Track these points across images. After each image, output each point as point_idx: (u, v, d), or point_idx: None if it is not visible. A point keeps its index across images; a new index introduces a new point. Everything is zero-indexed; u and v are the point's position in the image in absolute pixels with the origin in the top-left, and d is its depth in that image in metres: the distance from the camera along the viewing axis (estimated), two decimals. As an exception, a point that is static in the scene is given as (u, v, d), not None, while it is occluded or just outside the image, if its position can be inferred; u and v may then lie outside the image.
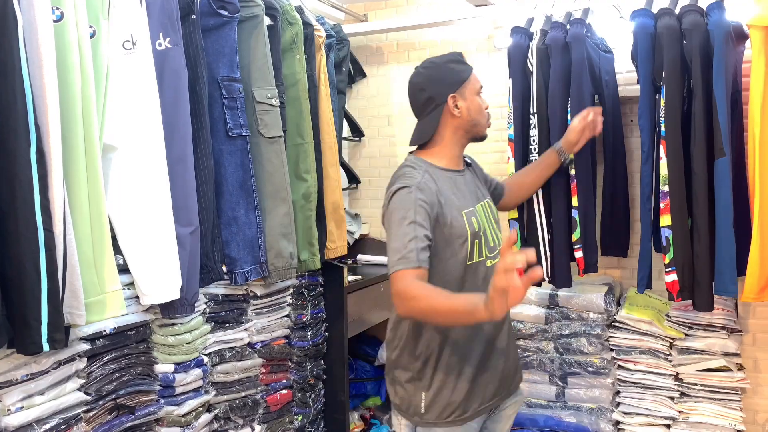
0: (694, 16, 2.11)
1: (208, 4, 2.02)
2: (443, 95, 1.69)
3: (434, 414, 1.65)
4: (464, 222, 1.62)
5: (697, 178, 2.13)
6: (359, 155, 3.35)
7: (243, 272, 2.15)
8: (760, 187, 2.00)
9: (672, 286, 2.19)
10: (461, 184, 1.71)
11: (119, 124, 1.75)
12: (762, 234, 2.02)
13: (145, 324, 1.91)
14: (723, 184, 2.04)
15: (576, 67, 2.31)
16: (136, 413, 1.85)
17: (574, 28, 2.34)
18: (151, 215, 1.80)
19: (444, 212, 1.59)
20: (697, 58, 2.09)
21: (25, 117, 1.42)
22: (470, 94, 1.70)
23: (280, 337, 2.45)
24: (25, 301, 1.44)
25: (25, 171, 1.43)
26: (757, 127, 1.98)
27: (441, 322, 1.57)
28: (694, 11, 2.12)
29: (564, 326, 2.64)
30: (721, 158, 2.05)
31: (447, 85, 1.69)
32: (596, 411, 2.60)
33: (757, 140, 1.99)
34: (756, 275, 2.02)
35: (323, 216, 2.56)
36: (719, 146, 2.06)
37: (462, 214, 1.63)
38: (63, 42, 1.55)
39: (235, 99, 2.10)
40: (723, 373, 2.42)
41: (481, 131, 1.74)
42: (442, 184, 1.63)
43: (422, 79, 1.72)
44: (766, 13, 1.97)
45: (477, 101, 1.71)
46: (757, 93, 1.97)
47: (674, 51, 2.13)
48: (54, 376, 1.63)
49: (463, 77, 1.70)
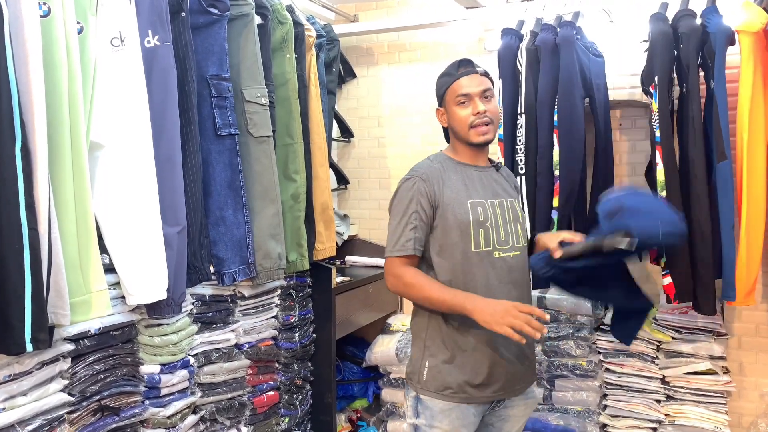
0: (689, 20, 2.12)
1: (198, 2, 2.01)
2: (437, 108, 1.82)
3: (433, 384, 1.70)
4: (468, 209, 1.69)
5: (697, 182, 2.13)
6: (348, 156, 3.34)
7: (231, 273, 2.13)
8: (747, 192, 2.01)
9: (669, 289, 2.21)
10: (476, 179, 1.76)
11: (106, 121, 1.73)
12: (748, 238, 2.03)
13: (131, 324, 1.89)
14: (725, 188, 2.04)
15: (565, 68, 2.32)
16: (120, 415, 1.83)
17: (564, 30, 2.34)
18: (138, 214, 1.78)
19: (445, 200, 1.69)
20: (695, 62, 2.10)
21: (10, 114, 1.40)
22: (450, 104, 1.75)
23: (268, 338, 2.43)
24: (9, 301, 1.42)
25: (9, 168, 1.41)
26: (745, 132, 2.00)
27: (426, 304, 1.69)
28: (689, 15, 2.14)
29: (552, 329, 2.64)
30: (722, 162, 2.05)
31: (438, 98, 1.80)
32: (583, 414, 2.61)
33: (744, 145, 2.01)
34: (742, 279, 2.03)
35: (312, 217, 2.55)
36: (720, 150, 2.06)
37: (467, 202, 1.70)
38: (50, 38, 1.53)
39: (225, 98, 2.08)
40: (709, 377, 2.44)
41: (466, 138, 1.74)
42: (452, 175, 1.73)
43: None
44: (754, 18, 1.98)
45: (455, 111, 1.74)
46: (745, 98, 1.99)
47: (668, 56, 2.14)
48: (37, 377, 1.61)
49: (441, 92, 1.78)
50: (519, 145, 2.41)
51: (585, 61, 2.40)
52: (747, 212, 2.01)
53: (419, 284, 1.65)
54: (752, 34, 1.98)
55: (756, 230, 2.01)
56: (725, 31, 2.04)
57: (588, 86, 2.42)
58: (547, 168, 2.37)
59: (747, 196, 2.01)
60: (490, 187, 1.78)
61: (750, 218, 2.01)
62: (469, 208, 1.70)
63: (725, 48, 2.05)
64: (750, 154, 1.99)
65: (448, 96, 1.75)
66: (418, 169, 1.74)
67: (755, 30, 1.98)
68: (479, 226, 1.70)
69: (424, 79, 3.12)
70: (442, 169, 1.73)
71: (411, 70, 3.16)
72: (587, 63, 2.41)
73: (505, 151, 2.45)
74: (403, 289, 1.69)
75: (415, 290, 1.66)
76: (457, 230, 1.69)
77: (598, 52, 2.54)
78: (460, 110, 1.73)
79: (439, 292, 1.63)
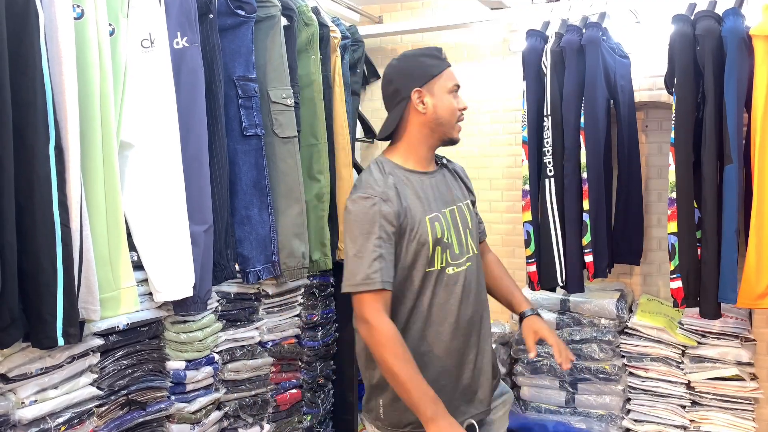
0: (708, 21, 2.10)
1: (226, 4, 2.03)
2: (408, 89, 1.59)
3: (390, 421, 1.59)
4: (427, 228, 1.56)
5: (706, 185, 2.13)
6: (372, 156, 3.35)
7: (255, 271, 2.16)
8: (758, 195, 2.00)
9: (677, 293, 2.19)
10: (427, 188, 1.62)
11: (136, 121, 1.77)
12: (759, 240, 2.02)
13: (158, 321, 1.92)
14: (730, 191, 2.04)
15: (590, 70, 2.30)
16: (147, 409, 1.86)
17: (590, 31, 2.33)
18: (166, 213, 1.81)
19: (408, 220, 1.54)
20: (710, 64, 2.08)
21: (44, 113, 1.44)
22: (440, 91, 1.60)
23: (291, 336, 2.45)
24: (41, 296, 1.46)
25: (43, 167, 1.44)
26: (758, 135, 1.99)
27: (389, 380, 1.48)
28: (709, 17, 2.11)
29: (575, 332, 2.63)
30: (729, 165, 2.04)
31: (414, 78, 1.60)
32: (606, 418, 2.59)
33: (757, 148, 2.00)
34: (751, 281, 2.02)
35: (335, 217, 2.57)
36: (727, 153, 2.06)
37: (426, 219, 1.56)
38: (83, 39, 1.57)
39: (251, 98, 2.11)
40: (736, 383, 2.40)
41: (448, 132, 1.62)
42: (405, 189, 1.57)
43: (392, 71, 1.65)
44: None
45: (447, 99, 1.60)
46: (759, 102, 1.98)
47: (686, 57, 2.12)
48: (68, 371, 1.65)
49: (432, 72, 1.60)
50: (546, 147, 2.40)
51: (610, 63, 2.38)
52: (757, 215, 1.99)
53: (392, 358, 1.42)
54: (766, 38, 1.96)
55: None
56: (738, 34, 2.02)
57: (612, 88, 2.40)
58: (574, 170, 2.36)
59: (758, 198, 1.99)
60: (441, 194, 1.65)
61: (760, 220, 2.00)
62: (427, 226, 1.55)
63: (737, 51, 2.02)
64: (762, 158, 1.98)
65: (442, 81, 1.60)
66: (374, 186, 1.53)
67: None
68: (437, 243, 1.56)
69: (448, 80, 3.11)
70: (393, 184, 1.54)
71: (435, 71, 3.16)
72: (612, 65, 2.39)
73: (529, 153, 2.44)
74: (374, 347, 1.46)
75: (387, 359, 1.43)
76: (413, 252, 1.54)
77: (624, 53, 2.52)
78: (453, 100, 1.61)
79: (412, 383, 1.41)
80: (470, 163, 3.01)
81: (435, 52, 1.65)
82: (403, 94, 1.60)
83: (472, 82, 3.04)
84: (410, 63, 1.63)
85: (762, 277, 2.01)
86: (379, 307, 1.48)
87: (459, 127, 1.65)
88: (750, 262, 2.03)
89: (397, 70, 1.64)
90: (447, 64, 1.64)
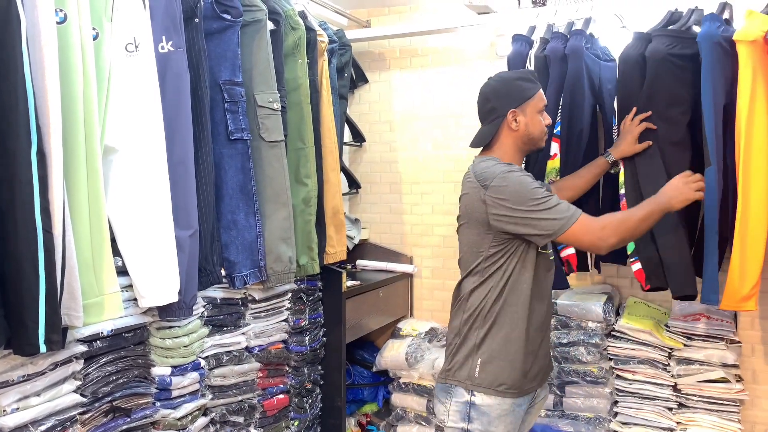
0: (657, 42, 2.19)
1: (212, 8, 2.03)
2: (505, 108, 1.84)
3: (487, 380, 1.77)
4: None
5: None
6: (360, 160, 3.35)
7: (242, 276, 2.15)
8: (743, 197, 2.02)
9: (639, 275, 2.27)
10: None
11: (120, 126, 1.76)
12: (742, 243, 2.03)
13: (143, 326, 1.90)
14: (710, 194, 2.06)
15: (570, 79, 2.33)
16: (132, 416, 1.85)
17: (573, 40, 2.35)
18: (151, 218, 1.80)
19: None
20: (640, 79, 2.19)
21: (26, 118, 1.42)
22: (532, 111, 1.84)
23: (278, 341, 2.44)
24: (23, 302, 1.44)
25: (25, 172, 1.43)
26: (743, 139, 2.01)
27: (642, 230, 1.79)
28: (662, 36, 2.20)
29: (562, 335, 2.63)
30: (708, 168, 2.07)
31: (511, 100, 1.84)
32: (594, 420, 2.60)
33: (742, 151, 2.02)
34: (735, 283, 2.03)
35: (323, 220, 2.56)
36: (706, 155, 2.08)
37: None
38: (66, 44, 1.56)
39: (237, 102, 2.10)
40: (722, 385, 2.41)
41: (536, 145, 1.88)
42: None
43: (489, 90, 1.89)
44: (750, 28, 2.00)
45: (537, 119, 1.85)
46: (743, 106, 2.00)
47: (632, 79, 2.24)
48: (50, 378, 1.63)
49: (527, 95, 1.84)
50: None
51: (595, 70, 2.40)
52: (741, 219, 2.02)
53: (625, 217, 1.75)
54: (749, 44, 1.99)
55: (754, 237, 2.01)
56: (712, 39, 2.06)
57: (597, 94, 2.42)
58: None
59: (742, 203, 2.01)
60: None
61: (743, 223, 2.02)
62: None
63: (711, 55, 2.06)
64: (746, 161, 2.01)
65: (535, 102, 1.85)
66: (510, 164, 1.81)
67: (751, 39, 1.98)
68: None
69: (435, 84, 3.12)
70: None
71: (422, 76, 3.17)
72: (597, 71, 2.41)
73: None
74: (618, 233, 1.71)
75: (630, 222, 1.73)
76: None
77: (610, 57, 2.53)
78: (543, 119, 1.87)
79: (646, 209, 1.76)
80: (458, 166, 3.02)
81: (530, 75, 1.89)
82: (500, 112, 1.85)
83: (460, 86, 3.05)
84: (508, 85, 1.86)
85: (746, 279, 2.03)
86: (589, 219, 1.71)
87: (545, 138, 1.91)
88: (734, 265, 2.04)
89: (495, 90, 1.88)
90: (539, 87, 1.88)
